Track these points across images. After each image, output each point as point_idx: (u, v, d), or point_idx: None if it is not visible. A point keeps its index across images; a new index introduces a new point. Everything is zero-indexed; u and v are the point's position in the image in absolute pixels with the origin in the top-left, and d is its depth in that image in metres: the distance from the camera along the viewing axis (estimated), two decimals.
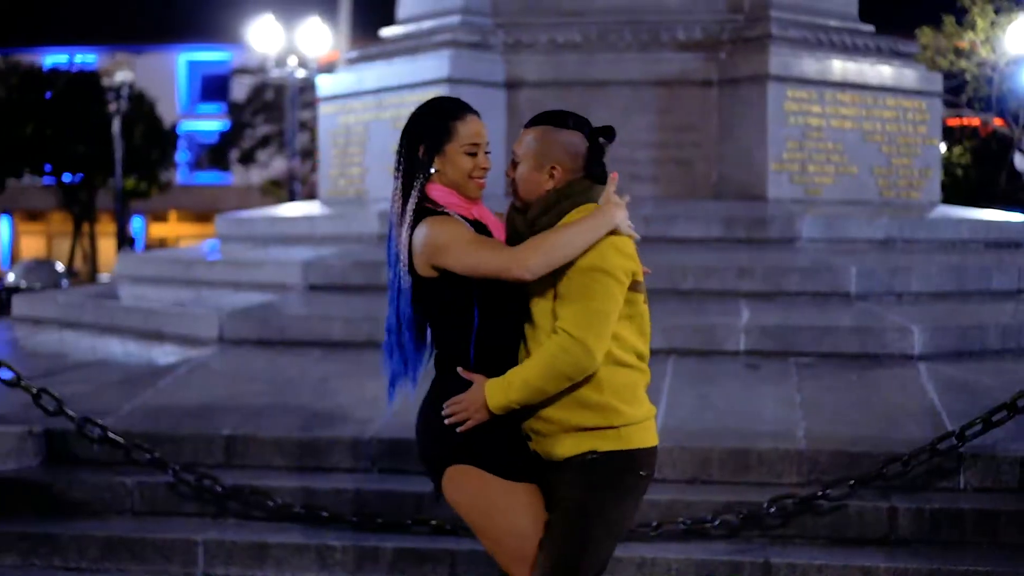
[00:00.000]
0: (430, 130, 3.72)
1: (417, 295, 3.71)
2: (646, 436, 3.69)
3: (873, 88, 10.14)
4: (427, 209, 3.70)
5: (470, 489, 3.65)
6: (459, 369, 3.67)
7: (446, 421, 3.64)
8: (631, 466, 3.64)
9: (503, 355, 3.68)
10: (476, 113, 3.78)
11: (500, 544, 3.67)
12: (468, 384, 3.65)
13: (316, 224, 10.30)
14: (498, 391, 3.61)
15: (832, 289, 8.36)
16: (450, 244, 3.59)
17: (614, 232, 3.57)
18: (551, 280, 3.59)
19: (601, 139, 3.75)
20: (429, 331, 3.80)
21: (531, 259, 3.53)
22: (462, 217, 3.70)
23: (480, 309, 3.64)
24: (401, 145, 3.77)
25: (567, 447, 3.63)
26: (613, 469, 3.62)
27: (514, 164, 3.75)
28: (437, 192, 3.72)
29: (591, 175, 3.73)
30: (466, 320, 3.65)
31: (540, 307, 3.64)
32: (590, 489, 3.60)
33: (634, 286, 3.64)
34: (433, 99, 3.87)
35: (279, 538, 5.86)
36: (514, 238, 3.72)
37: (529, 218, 3.70)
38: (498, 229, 3.79)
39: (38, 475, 6.43)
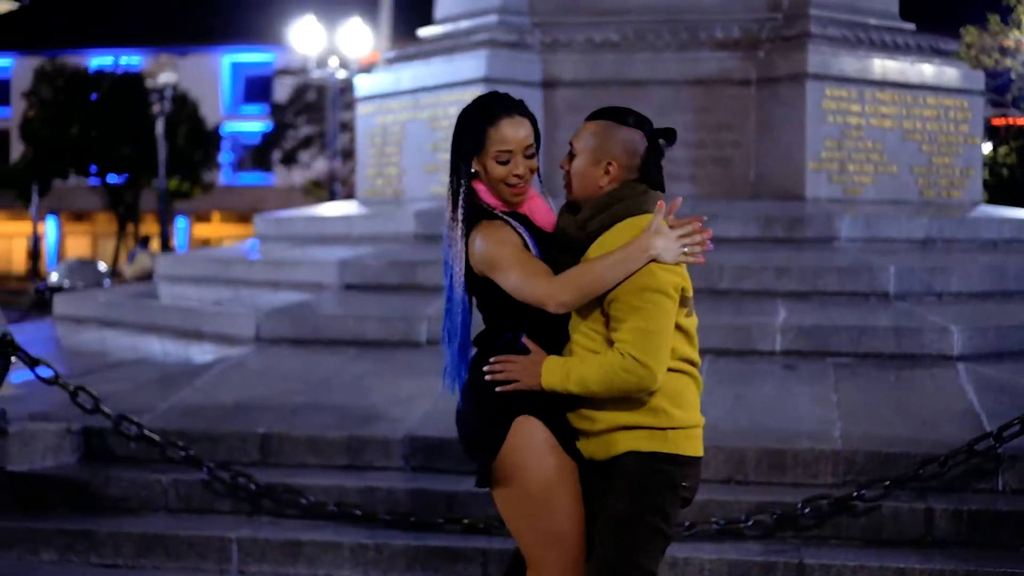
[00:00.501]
0: (464, 136, 3.72)
1: (471, 287, 3.73)
2: (693, 445, 3.66)
3: (913, 87, 10.05)
4: (480, 210, 3.70)
5: (535, 445, 3.62)
6: (524, 337, 3.67)
7: (488, 375, 3.64)
8: (676, 472, 3.61)
9: (551, 347, 3.70)
10: (519, 112, 3.71)
11: (540, 515, 3.63)
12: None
13: (353, 224, 10.33)
14: (557, 372, 3.60)
15: (870, 289, 8.29)
16: (498, 263, 3.62)
17: (655, 261, 3.53)
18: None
19: (661, 140, 3.71)
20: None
21: (565, 295, 3.56)
22: (513, 214, 3.70)
23: (531, 310, 3.66)
24: (451, 147, 3.79)
25: (613, 446, 3.62)
26: (659, 475, 3.59)
27: (570, 157, 3.71)
28: (486, 194, 3.72)
29: (647, 177, 3.69)
30: (518, 315, 3.67)
31: (585, 312, 3.64)
32: (637, 498, 3.58)
33: (683, 301, 3.61)
34: (479, 98, 3.81)
35: (312, 536, 5.88)
36: (562, 240, 3.71)
37: (580, 219, 3.66)
38: (547, 220, 3.76)
39: (75, 472, 6.48)
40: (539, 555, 3.66)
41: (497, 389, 3.64)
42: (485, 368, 3.67)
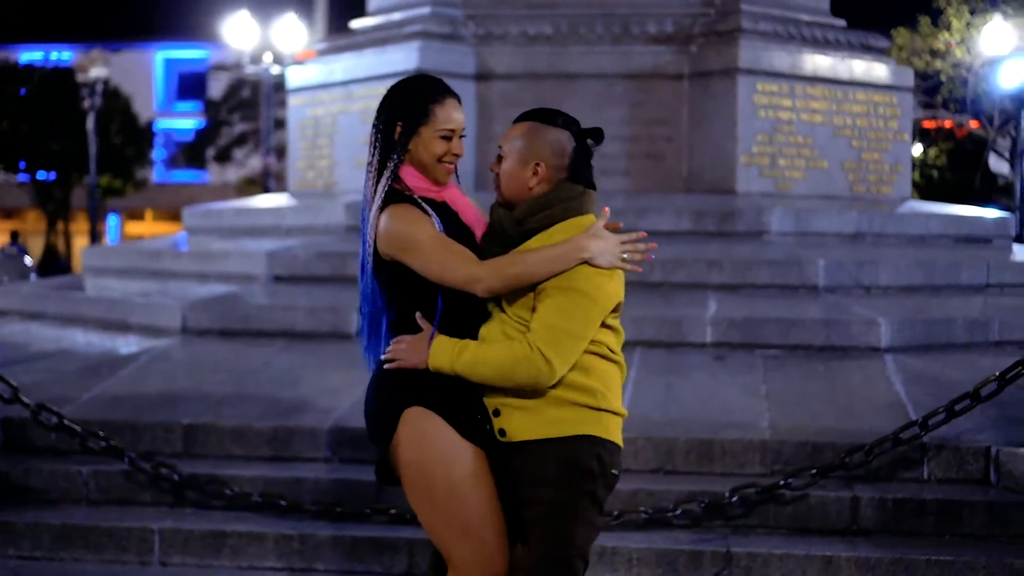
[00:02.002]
0: (408, 110, 3.66)
1: (379, 274, 3.66)
2: (619, 433, 3.66)
3: (844, 82, 10.13)
4: (396, 192, 3.64)
5: (427, 436, 3.54)
6: (417, 315, 3.61)
7: (383, 354, 3.61)
8: (607, 459, 3.59)
9: (466, 334, 3.62)
10: (456, 97, 3.72)
11: (445, 508, 3.55)
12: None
13: (283, 215, 10.23)
14: (445, 353, 3.56)
15: (800, 282, 8.34)
16: (416, 245, 3.55)
17: (587, 263, 3.50)
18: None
19: (589, 140, 3.69)
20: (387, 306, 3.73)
21: (492, 280, 3.51)
22: (430, 201, 3.65)
23: (444, 297, 3.60)
24: (377, 122, 3.71)
25: (549, 426, 3.56)
26: (594, 462, 3.56)
27: (499, 159, 3.70)
28: (409, 175, 3.67)
29: (576, 176, 3.66)
30: (430, 304, 3.60)
31: (512, 299, 3.59)
32: (574, 485, 3.54)
33: (615, 308, 3.61)
34: (415, 76, 3.81)
35: (236, 527, 5.78)
36: (496, 232, 3.67)
37: (517, 215, 3.64)
38: (467, 210, 3.73)
39: None
40: (452, 551, 3.57)
41: (385, 367, 3.60)
42: (387, 350, 3.62)
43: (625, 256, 3.54)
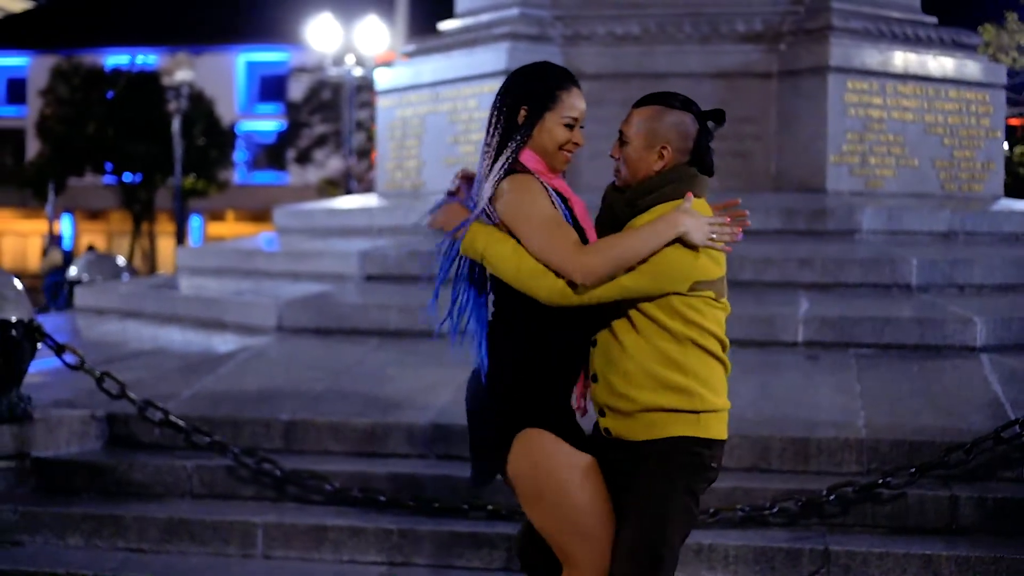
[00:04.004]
0: (535, 94, 3.67)
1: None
2: (722, 428, 3.67)
3: (935, 80, 10.02)
4: (520, 167, 3.66)
5: (544, 455, 3.58)
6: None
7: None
8: (706, 454, 3.62)
9: (576, 338, 3.66)
10: (579, 86, 3.74)
11: (563, 516, 3.60)
12: (530, 352, 3.62)
13: (373, 216, 10.35)
14: (482, 237, 3.61)
15: (892, 281, 8.27)
16: (530, 214, 3.55)
17: (683, 239, 3.52)
18: None
19: (710, 122, 3.71)
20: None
21: (595, 261, 3.49)
22: (545, 186, 3.66)
23: None
24: (500, 103, 3.71)
25: (646, 429, 3.60)
26: (692, 457, 3.59)
27: (620, 144, 3.72)
28: (529, 158, 3.67)
29: (698, 159, 3.69)
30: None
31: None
32: (669, 478, 3.58)
33: (713, 284, 3.61)
34: (541, 63, 3.82)
35: (337, 521, 5.89)
36: (608, 217, 3.70)
37: (629, 197, 3.67)
38: (577, 203, 3.73)
39: (101, 458, 6.51)
40: (570, 553, 3.63)
41: (431, 224, 3.71)
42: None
43: (714, 236, 3.56)
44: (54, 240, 23.83)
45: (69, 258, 27.98)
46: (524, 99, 3.68)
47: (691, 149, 3.68)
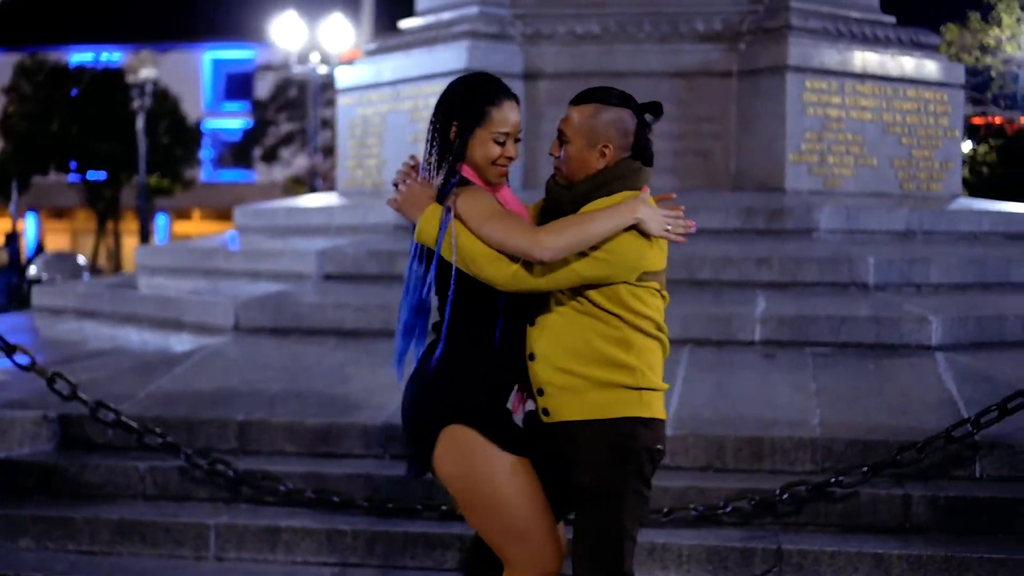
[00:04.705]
0: (464, 111, 3.68)
1: (440, 267, 3.65)
2: (661, 407, 3.71)
3: (894, 79, 10.07)
4: (461, 180, 3.67)
5: (467, 453, 3.60)
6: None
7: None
8: (650, 435, 3.64)
9: (518, 338, 3.68)
10: (514, 98, 3.74)
11: (492, 517, 3.62)
12: (478, 355, 3.62)
13: (333, 214, 10.31)
14: (433, 221, 3.61)
15: (850, 280, 8.30)
16: (482, 209, 3.56)
17: (639, 226, 3.56)
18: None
19: (648, 115, 3.73)
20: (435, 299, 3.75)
21: (553, 240, 3.50)
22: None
23: None
24: (434, 119, 3.73)
25: (588, 408, 3.60)
26: (636, 439, 3.60)
27: (560, 143, 3.73)
28: (468, 173, 3.69)
29: (639, 153, 3.72)
30: (494, 294, 3.63)
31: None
32: (618, 469, 3.59)
33: (655, 275, 3.65)
34: (474, 75, 3.82)
35: (291, 522, 5.85)
36: (552, 212, 3.71)
37: (575, 194, 3.68)
38: (521, 213, 3.75)
39: (52, 459, 6.44)
40: (506, 555, 3.65)
41: (390, 205, 3.72)
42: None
43: (669, 227, 3.59)
44: (8, 239, 23.63)
45: (16, 258, 27.71)
46: (454, 115, 3.70)
47: (631, 144, 3.71)
